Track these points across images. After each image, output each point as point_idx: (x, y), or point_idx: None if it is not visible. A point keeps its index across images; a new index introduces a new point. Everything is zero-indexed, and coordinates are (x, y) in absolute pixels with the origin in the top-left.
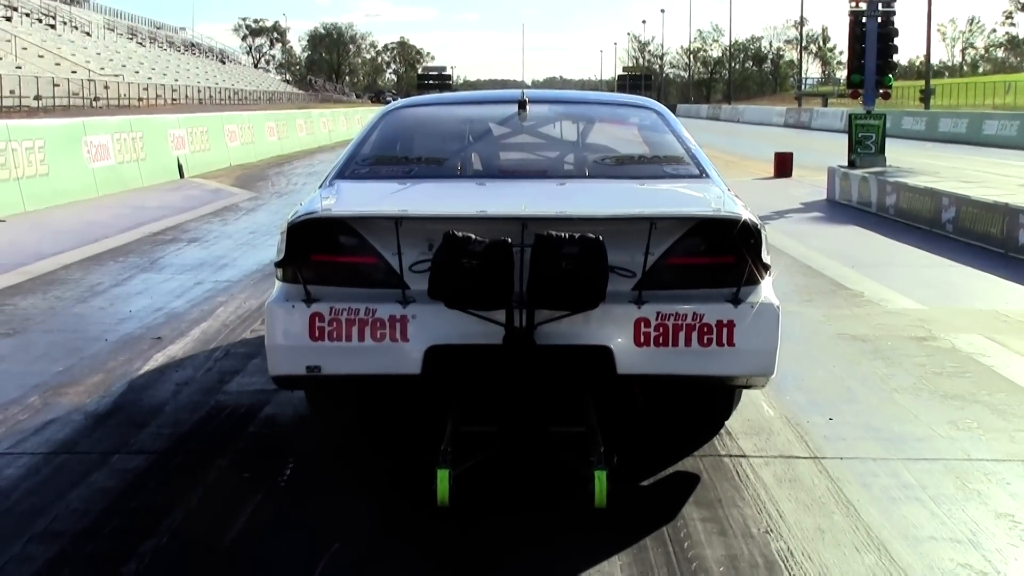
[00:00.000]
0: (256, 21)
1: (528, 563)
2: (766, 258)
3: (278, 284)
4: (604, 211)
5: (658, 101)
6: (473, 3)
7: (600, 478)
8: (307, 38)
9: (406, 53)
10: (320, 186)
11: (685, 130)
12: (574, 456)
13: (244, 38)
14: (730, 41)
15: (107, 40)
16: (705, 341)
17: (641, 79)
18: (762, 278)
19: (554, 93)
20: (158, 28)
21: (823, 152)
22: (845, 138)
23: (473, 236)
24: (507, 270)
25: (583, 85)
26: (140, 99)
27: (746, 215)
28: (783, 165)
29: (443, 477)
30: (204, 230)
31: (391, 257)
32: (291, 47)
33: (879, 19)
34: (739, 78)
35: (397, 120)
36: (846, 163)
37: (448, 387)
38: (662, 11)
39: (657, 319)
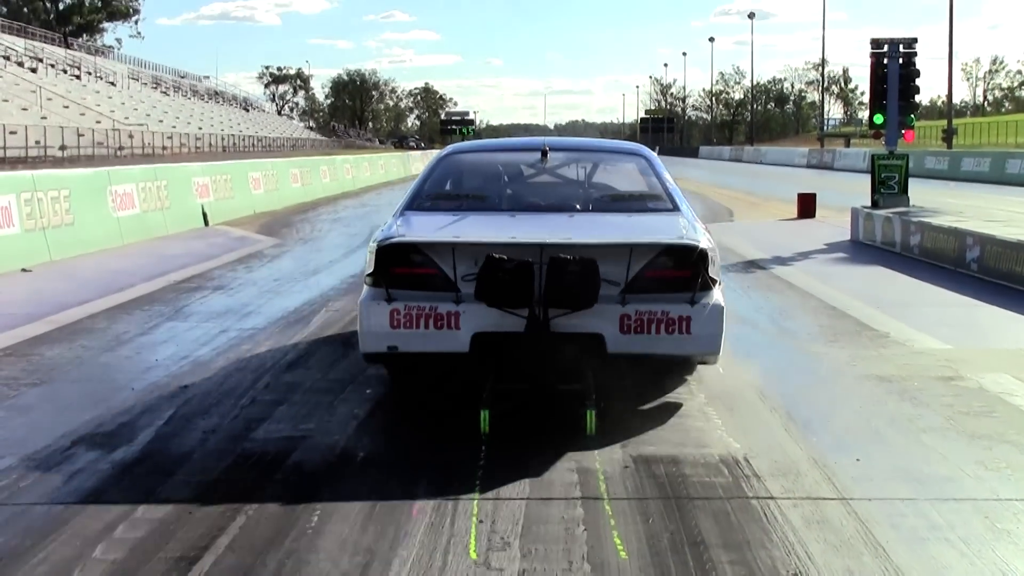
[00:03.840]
0: (279, 69)
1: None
2: (715, 273)
3: (367, 288)
4: (598, 239)
5: (680, 143)
6: (497, 48)
7: (591, 415)
8: (330, 85)
9: (429, 99)
10: (394, 215)
11: (666, 172)
12: (574, 402)
13: (267, 85)
14: (752, 83)
15: (131, 90)
16: (670, 330)
17: (663, 122)
18: (712, 287)
19: (567, 141)
20: (182, 77)
21: (846, 193)
22: (868, 178)
23: (506, 257)
24: (529, 281)
25: (605, 129)
26: (164, 148)
27: (702, 243)
28: (806, 206)
29: (484, 415)
30: (229, 277)
31: (448, 270)
32: (314, 94)
33: (900, 60)
34: (761, 119)
35: (450, 163)
36: (869, 203)
37: (487, 361)
38: (684, 54)
39: (636, 315)
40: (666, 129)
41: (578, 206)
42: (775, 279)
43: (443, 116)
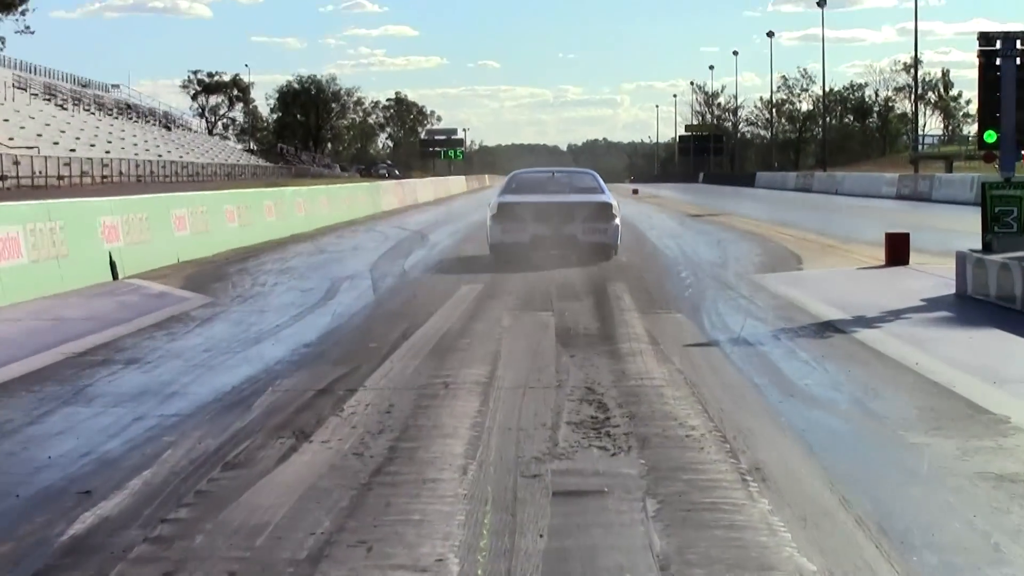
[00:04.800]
0: (211, 75)
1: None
2: (615, 212)
3: (491, 221)
4: (575, 200)
5: (732, 167)
6: (492, 48)
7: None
8: (276, 96)
9: (405, 113)
10: (499, 194)
11: (601, 180)
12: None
13: (195, 96)
14: (824, 90)
15: (17, 102)
16: (600, 234)
17: (709, 141)
18: (615, 218)
19: (562, 169)
20: (84, 86)
21: (948, 232)
22: (977, 213)
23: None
24: (557, 216)
25: (634, 151)
26: (61, 177)
27: (612, 201)
28: (897, 249)
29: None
30: (145, 348)
31: (523, 213)
32: (256, 107)
33: (1018, 59)
34: (837, 137)
35: (518, 178)
36: (980, 246)
37: (537, 245)
38: (735, 54)
39: (587, 226)
40: (712, 150)
41: (569, 193)
42: (858, 346)
43: (423, 135)
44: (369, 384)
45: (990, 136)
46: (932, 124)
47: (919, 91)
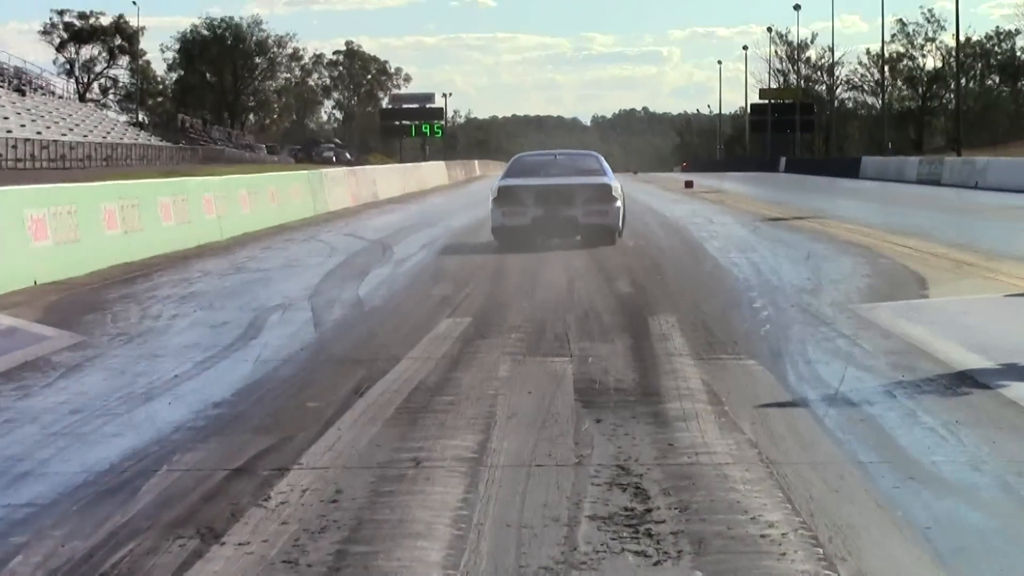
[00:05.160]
0: (83, 17)
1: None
2: (616, 195)
3: (492, 205)
4: (576, 183)
5: (826, 149)
6: None
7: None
8: (176, 47)
9: (359, 71)
10: (501, 177)
11: (605, 161)
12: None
13: (61, 47)
14: (957, 40)
15: None
16: (600, 216)
17: (794, 111)
18: (616, 200)
19: (565, 151)
20: None
21: None
22: None
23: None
24: (557, 198)
25: (687, 124)
26: None
27: (613, 183)
28: None
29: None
30: None
31: (523, 196)
32: (147, 63)
33: None
34: (976, 106)
35: (520, 160)
36: None
37: (538, 228)
38: None
39: (588, 208)
40: (798, 125)
41: (571, 175)
42: (1008, 407)
43: (385, 102)
44: (306, 461)
45: None
46: None
47: None
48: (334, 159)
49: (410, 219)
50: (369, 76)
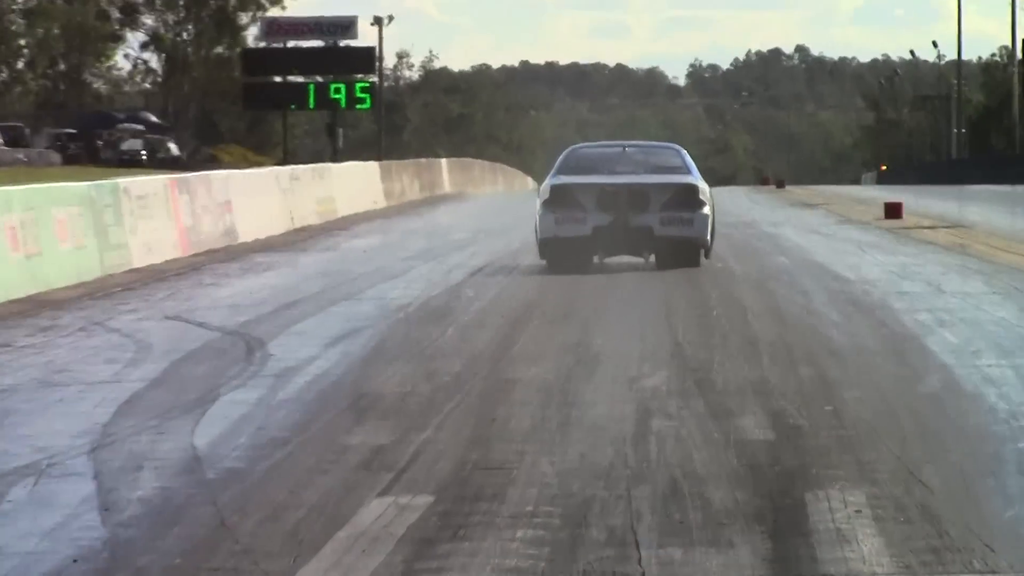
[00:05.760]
0: None
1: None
2: (704, 198)
3: (541, 209)
4: (651, 182)
5: None
6: None
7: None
8: None
9: None
10: (551, 175)
11: (688, 155)
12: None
13: None
14: None
15: None
16: (683, 226)
17: None
18: (704, 205)
19: (636, 143)
20: None
21: None
22: None
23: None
24: (626, 201)
25: (891, 83)
26: None
27: (700, 184)
28: None
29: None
30: None
31: (582, 198)
32: None
33: None
34: None
35: (577, 153)
36: None
37: (600, 240)
38: None
39: (667, 215)
40: None
41: (643, 172)
42: None
43: (253, 36)
44: None
45: None
46: None
47: None
48: (143, 155)
49: (304, 283)
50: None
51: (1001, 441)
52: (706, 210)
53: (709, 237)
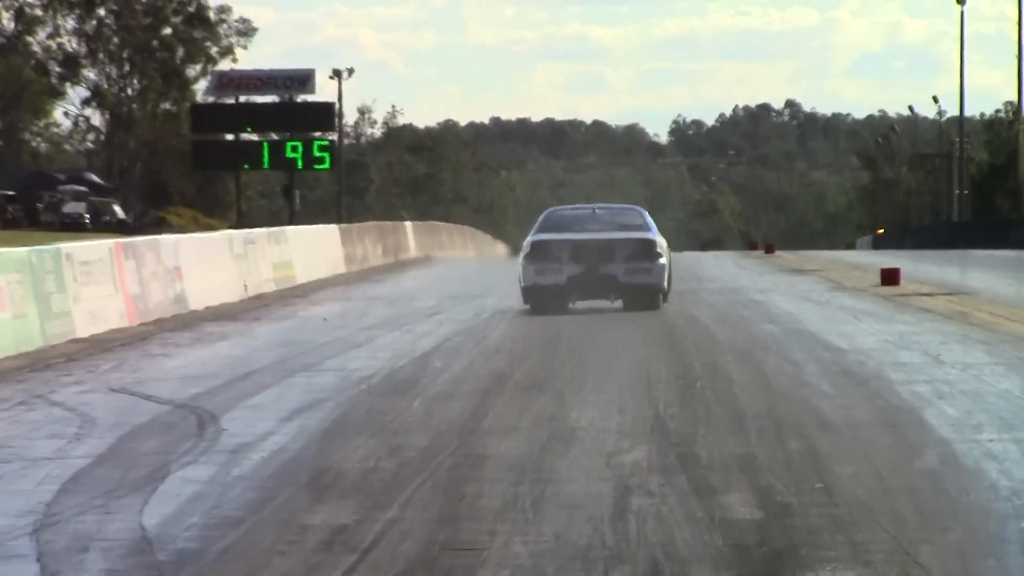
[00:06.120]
0: None
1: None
2: (661, 251)
3: (523, 261)
4: (616, 237)
5: None
6: None
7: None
8: None
9: (140, 19)
10: (532, 232)
11: (648, 215)
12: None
13: None
14: None
15: None
16: (643, 274)
17: None
18: (661, 256)
19: (604, 205)
20: None
21: None
22: None
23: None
24: (595, 255)
25: (887, 141)
26: None
27: (657, 239)
28: None
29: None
30: None
31: (558, 252)
32: None
33: None
34: None
35: (554, 215)
36: None
37: (573, 287)
38: None
39: (630, 266)
40: None
41: (609, 230)
42: None
43: (202, 89)
44: None
45: None
46: None
47: None
48: (86, 218)
49: (260, 353)
50: (166, 30)
51: (1003, 520)
52: (662, 261)
53: (666, 284)
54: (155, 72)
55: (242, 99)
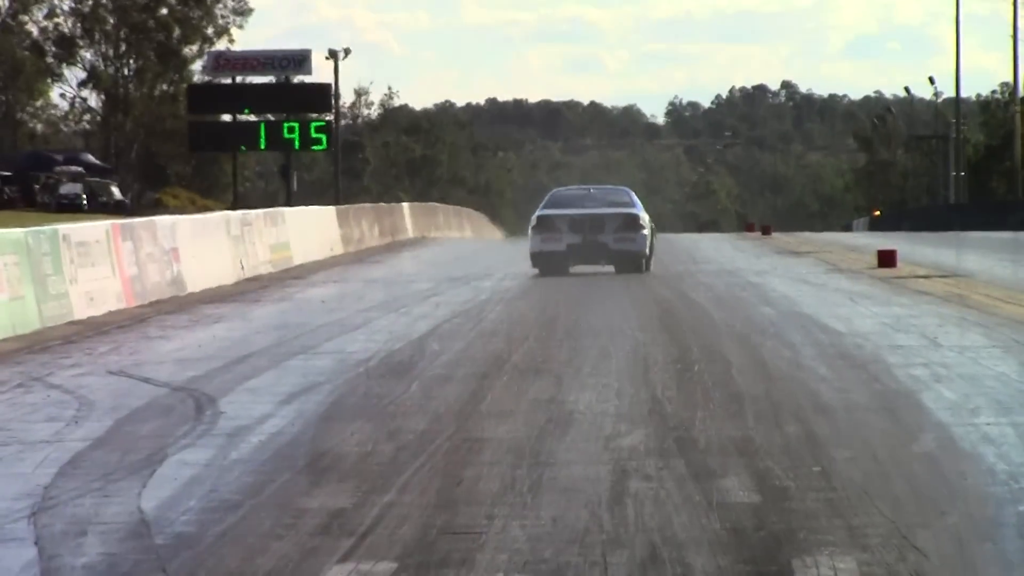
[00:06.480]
0: None
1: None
2: (643, 224)
3: (531, 232)
4: (606, 212)
5: None
6: None
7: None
8: None
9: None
10: (539, 209)
11: (635, 194)
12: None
13: None
14: None
15: None
16: (628, 243)
17: None
18: (643, 228)
19: (598, 186)
20: None
21: None
22: None
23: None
24: (589, 227)
25: (884, 122)
26: None
27: (641, 214)
28: None
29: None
30: None
31: (559, 224)
32: None
33: None
34: None
35: (557, 194)
36: None
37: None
38: None
39: (617, 236)
40: None
41: (603, 205)
42: None
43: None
44: None
45: None
46: None
47: None
48: (83, 199)
49: (257, 336)
50: (162, 11)
51: (1000, 504)
52: (645, 232)
53: (648, 251)
54: (151, 52)
55: (239, 80)
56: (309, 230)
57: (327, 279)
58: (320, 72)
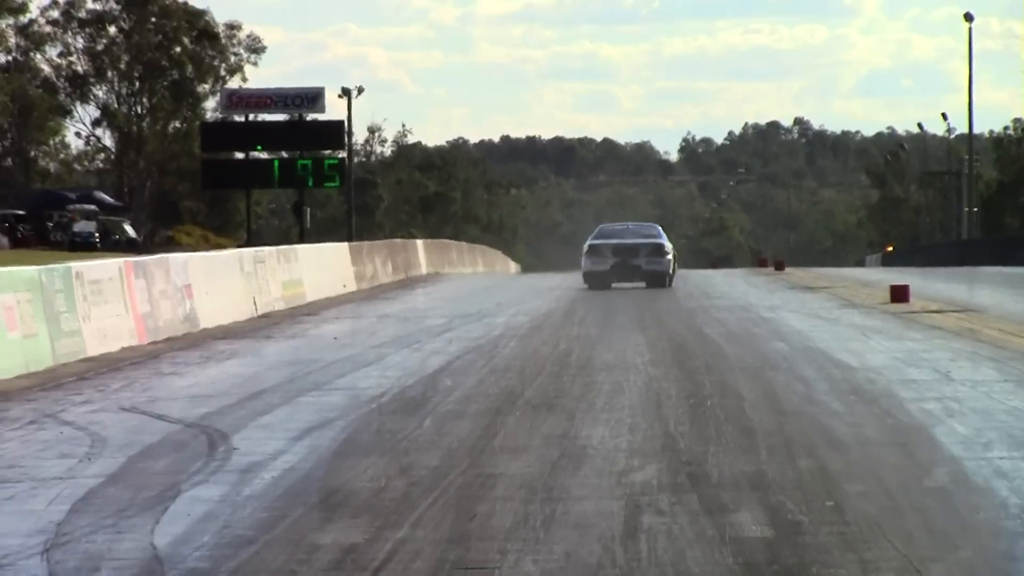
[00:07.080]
0: None
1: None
2: (668, 251)
3: (584, 257)
4: (640, 242)
5: None
6: None
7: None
8: None
9: (149, 38)
10: (589, 239)
11: (661, 229)
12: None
13: None
14: None
15: None
16: (656, 264)
17: None
18: (668, 254)
19: (635, 223)
20: None
21: None
22: None
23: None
24: (627, 252)
25: (896, 158)
26: None
27: (666, 243)
28: None
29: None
30: None
31: (604, 251)
32: None
33: None
34: None
35: (603, 229)
36: None
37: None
38: None
39: (648, 259)
40: None
41: (638, 237)
42: None
43: (212, 107)
44: None
45: None
46: None
47: None
48: (96, 237)
49: (270, 372)
50: (176, 49)
51: (1013, 538)
52: (669, 257)
53: (671, 271)
54: (165, 90)
55: (252, 117)
56: (322, 267)
57: (340, 315)
58: (333, 110)
